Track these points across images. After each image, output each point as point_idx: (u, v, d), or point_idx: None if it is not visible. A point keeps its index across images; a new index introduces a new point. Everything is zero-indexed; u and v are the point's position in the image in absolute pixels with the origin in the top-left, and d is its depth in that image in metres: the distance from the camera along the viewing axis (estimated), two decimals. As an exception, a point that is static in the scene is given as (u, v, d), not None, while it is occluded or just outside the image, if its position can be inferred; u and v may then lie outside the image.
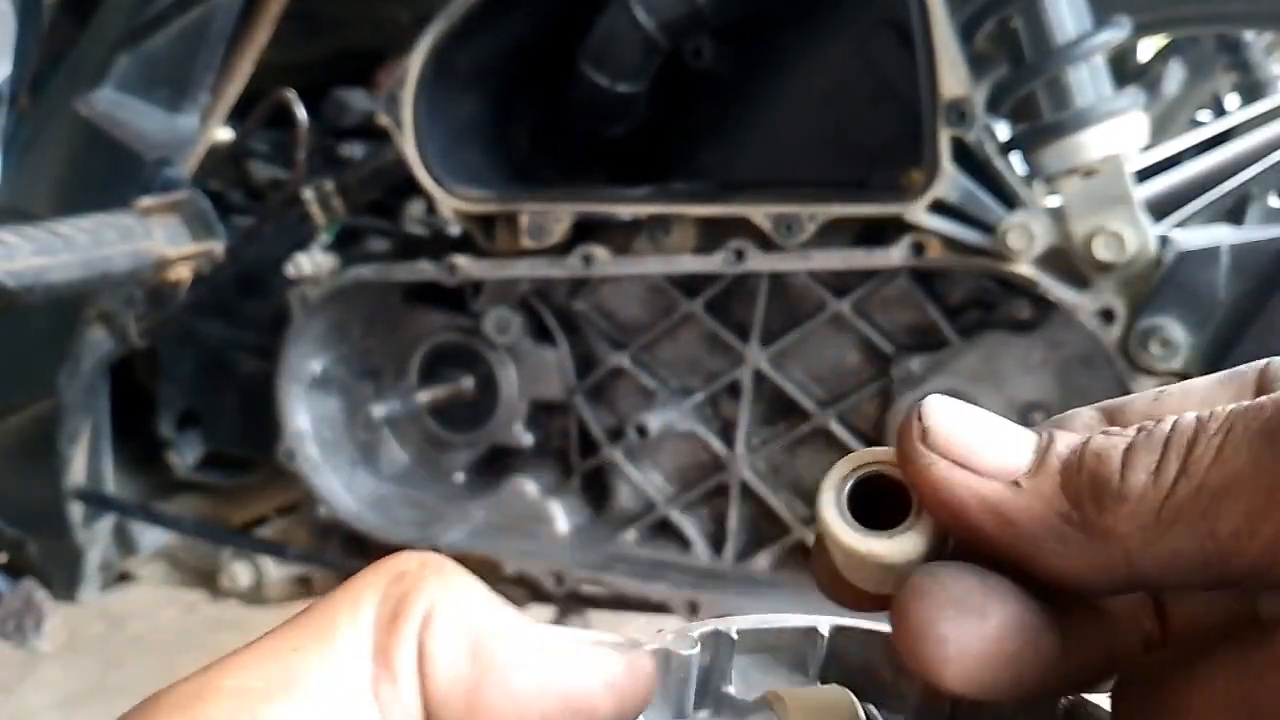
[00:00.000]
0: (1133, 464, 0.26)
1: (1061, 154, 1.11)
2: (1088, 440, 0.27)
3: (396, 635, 0.25)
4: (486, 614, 0.26)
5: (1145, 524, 0.26)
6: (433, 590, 0.26)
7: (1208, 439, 0.26)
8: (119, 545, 1.66)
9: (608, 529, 1.48)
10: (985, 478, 0.27)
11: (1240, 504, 0.25)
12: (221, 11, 1.38)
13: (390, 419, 1.54)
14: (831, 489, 0.30)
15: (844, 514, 0.29)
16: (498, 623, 0.26)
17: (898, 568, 0.29)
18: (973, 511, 0.27)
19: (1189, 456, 0.26)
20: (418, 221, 1.57)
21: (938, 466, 0.28)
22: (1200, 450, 0.26)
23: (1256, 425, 0.25)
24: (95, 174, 1.43)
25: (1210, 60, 2.14)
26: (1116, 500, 0.26)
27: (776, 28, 1.40)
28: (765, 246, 1.25)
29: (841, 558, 0.30)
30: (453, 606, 0.26)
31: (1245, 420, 0.25)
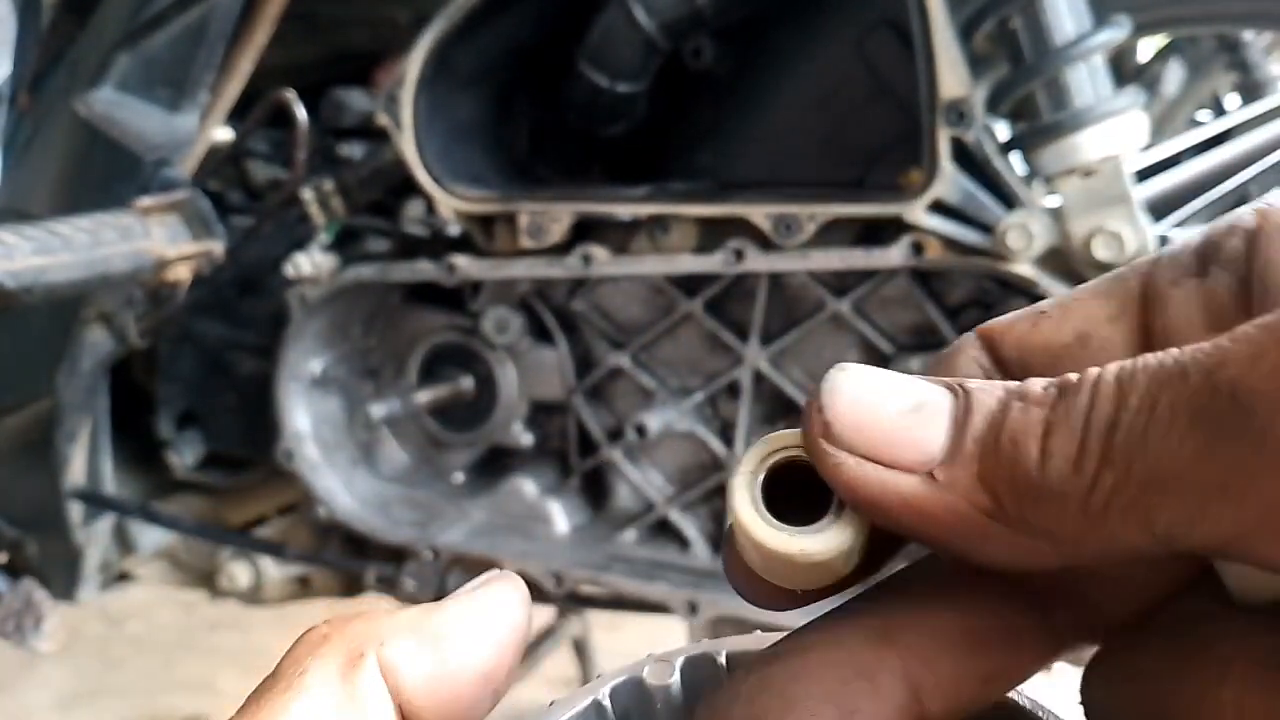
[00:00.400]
0: (1051, 451, 0.23)
1: (1061, 154, 1.11)
2: (1004, 417, 0.24)
3: (358, 663, 0.27)
4: (415, 619, 0.28)
5: (1071, 519, 0.23)
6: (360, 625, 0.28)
7: (1129, 419, 0.23)
8: (118, 545, 1.66)
9: (607, 529, 1.48)
10: (899, 471, 0.25)
11: (1173, 500, 0.22)
12: (221, 11, 1.38)
13: (390, 419, 1.54)
14: (744, 479, 0.27)
15: (759, 508, 0.26)
16: (422, 621, 0.28)
17: (825, 564, 0.26)
18: (891, 510, 0.25)
19: (1111, 442, 0.23)
20: (417, 221, 1.57)
21: (845, 466, 0.25)
22: (1123, 436, 0.23)
23: (1183, 405, 0.22)
24: (95, 174, 1.43)
25: (1210, 60, 2.14)
26: (1038, 496, 0.24)
27: (776, 28, 1.40)
28: (765, 246, 1.25)
29: (759, 557, 0.27)
30: (386, 626, 0.28)
31: (1170, 396, 0.22)
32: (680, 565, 1.41)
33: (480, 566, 1.47)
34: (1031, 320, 0.29)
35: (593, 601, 1.51)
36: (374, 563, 1.52)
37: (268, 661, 0.27)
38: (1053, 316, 0.29)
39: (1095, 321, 0.28)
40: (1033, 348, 0.29)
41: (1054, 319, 0.29)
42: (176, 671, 2.77)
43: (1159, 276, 0.28)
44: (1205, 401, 0.22)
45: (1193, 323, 0.27)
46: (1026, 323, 0.29)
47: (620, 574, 1.39)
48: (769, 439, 0.27)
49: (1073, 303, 0.29)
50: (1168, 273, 0.28)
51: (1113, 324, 0.28)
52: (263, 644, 2.81)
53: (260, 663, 1.25)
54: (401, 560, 1.50)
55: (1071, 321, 0.28)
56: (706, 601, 1.32)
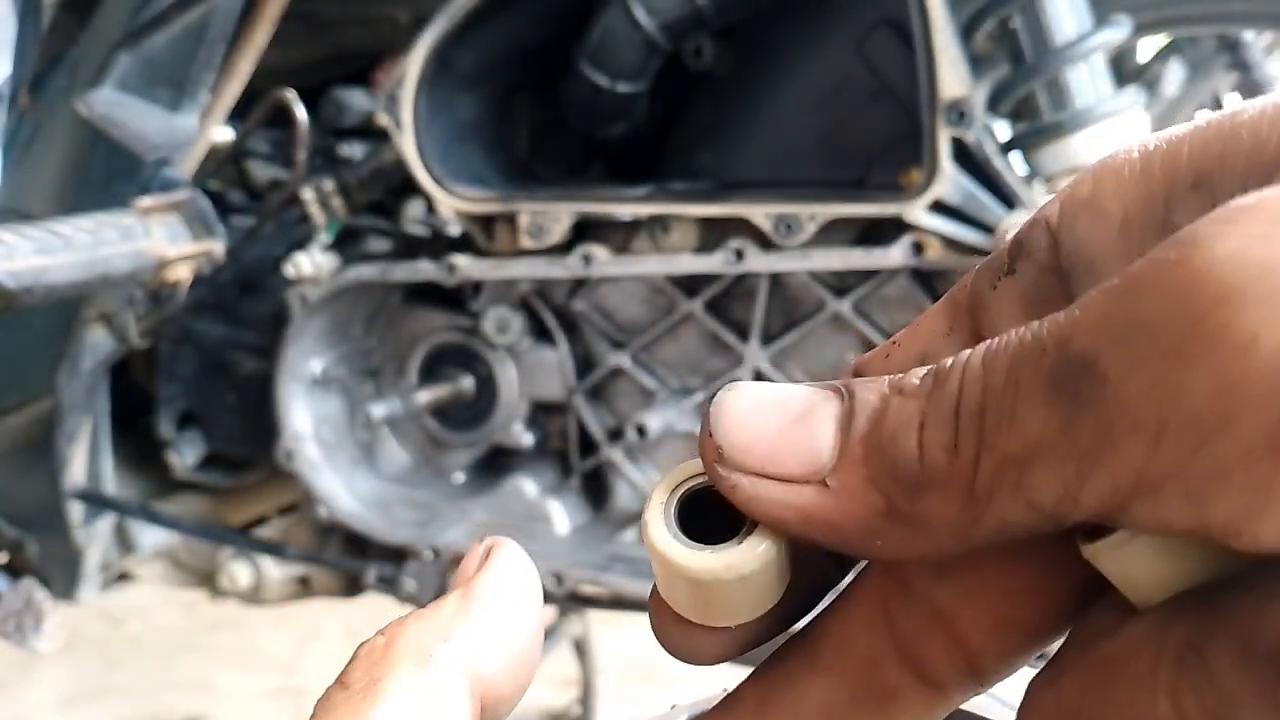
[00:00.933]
0: (928, 441, 0.24)
1: (1061, 154, 1.11)
2: (884, 413, 0.25)
3: (428, 662, 0.28)
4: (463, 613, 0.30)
5: (960, 506, 0.23)
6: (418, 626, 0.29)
7: (996, 400, 0.23)
8: (119, 545, 1.66)
9: (607, 529, 1.48)
10: (793, 484, 0.25)
11: (1050, 474, 0.22)
12: (221, 11, 1.38)
13: (390, 419, 1.54)
14: (656, 509, 0.26)
15: (675, 533, 0.26)
16: (473, 607, 0.30)
17: (750, 582, 0.26)
18: (792, 523, 0.25)
19: (982, 424, 0.23)
20: (417, 221, 1.57)
21: (741, 486, 0.25)
22: (992, 416, 0.23)
23: (1042, 378, 0.22)
24: (95, 174, 1.43)
25: (1210, 60, 2.14)
26: (922, 488, 0.24)
27: (776, 28, 1.40)
28: (765, 246, 1.25)
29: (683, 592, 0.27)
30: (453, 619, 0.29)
31: (1029, 371, 0.22)
32: (680, 565, 1.41)
33: (480, 566, 1.47)
34: (884, 353, 0.30)
35: (593, 601, 1.51)
36: (374, 563, 1.53)
37: (268, 661, 0.27)
38: (900, 344, 0.30)
39: (934, 339, 0.29)
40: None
41: (902, 348, 0.29)
42: (176, 671, 2.77)
43: (979, 284, 0.28)
44: (1062, 372, 0.22)
45: (1012, 319, 0.27)
46: (880, 356, 0.30)
47: (621, 574, 1.39)
48: (678, 468, 0.27)
49: (915, 328, 0.30)
50: (985, 278, 0.28)
51: (948, 339, 0.29)
52: (263, 644, 2.81)
53: (260, 663, 1.27)
54: (402, 560, 1.50)
55: (915, 345, 0.29)
56: (707, 601, 1.32)
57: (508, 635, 0.29)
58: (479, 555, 0.31)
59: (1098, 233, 0.26)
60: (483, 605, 0.29)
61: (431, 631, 0.28)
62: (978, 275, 0.29)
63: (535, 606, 0.30)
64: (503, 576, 0.30)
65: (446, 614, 0.29)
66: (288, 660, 2.75)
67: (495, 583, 0.30)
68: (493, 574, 0.30)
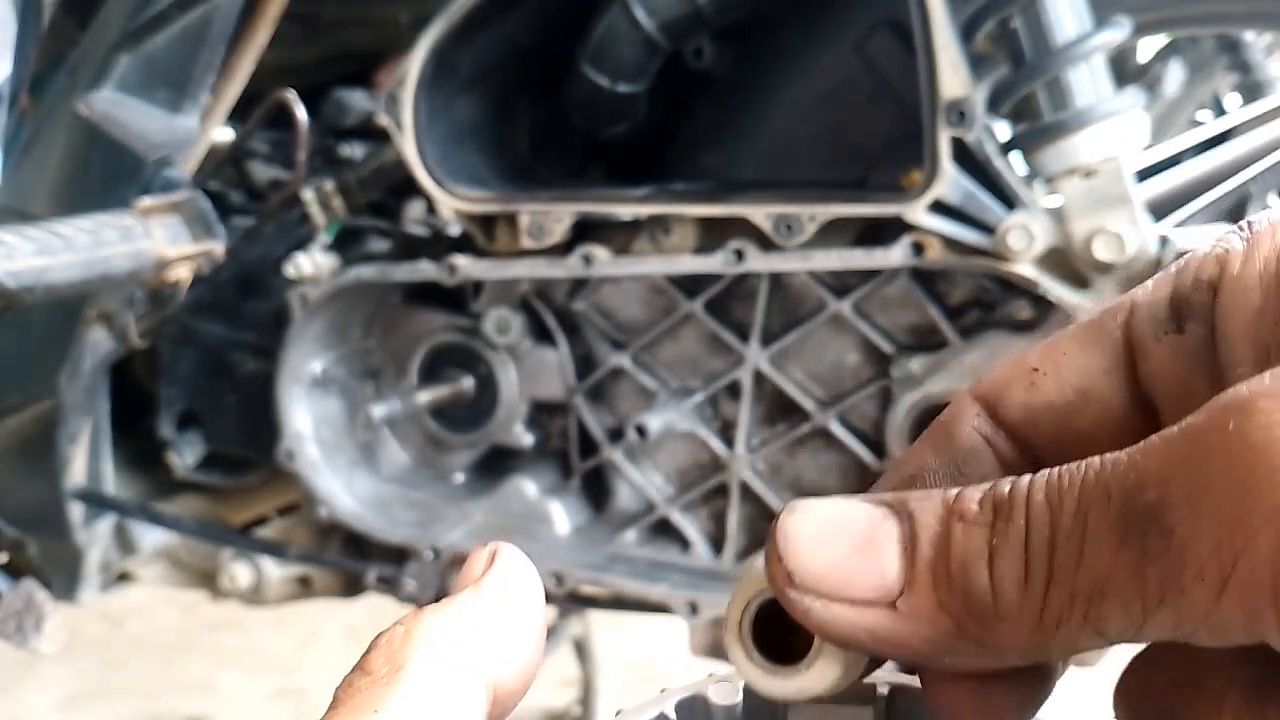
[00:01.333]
0: (1000, 575, 0.26)
1: (1061, 154, 1.11)
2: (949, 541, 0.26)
3: (449, 654, 0.30)
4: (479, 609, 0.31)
5: (1030, 634, 0.25)
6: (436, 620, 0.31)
7: (1065, 538, 0.25)
8: (119, 545, 1.66)
9: (608, 529, 1.48)
10: (864, 607, 0.27)
11: (1117, 610, 0.24)
12: (221, 12, 1.38)
13: (390, 419, 1.54)
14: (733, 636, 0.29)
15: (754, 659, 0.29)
16: (487, 606, 0.31)
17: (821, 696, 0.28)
18: (864, 643, 0.27)
19: (1053, 560, 0.25)
20: (418, 221, 1.57)
21: (814, 610, 0.27)
22: (1061, 553, 0.25)
23: (1111, 524, 0.24)
24: (95, 174, 1.43)
25: (1210, 60, 2.14)
26: (995, 618, 0.26)
27: (777, 28, 1.40)
28: (765, 246, 1.25)
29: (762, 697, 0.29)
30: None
31: (1098, 515, 0.24)
32: (681, 565, 1.41)
33: (481, 567, 1.47)
34: (1027, 380, 0.31)
35: (594, 602, 1.51)
36: (374, 563, 1.53)
37: (268, 662, 0.28)
38: (1048, 375, 0.31)
39: (1092, 376, 0.30)
40: (1037, 409, 0.31)
41: (1051, 378, 0.31)
42: (177, 672, 2.77)
43: (1140, 330, 0.30)
44: (1130, 518, 0.24)
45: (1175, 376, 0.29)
46: (1023, 383, 0.31)
47: (621, 574, 1.39)
48: (747, 580, 0.29)
49: (1063, 358, 0.31)
50: (1148, 326, 0.30)
51: (1107, 377, 0.30)
52: (263, 644, 2.81)
53: (260, 663, 1.27)
54: (402, 560, 1.50)
55: (1070, 380, 0.30)
56: (707, 601, 1.32)
57: (516, 635, 0.31)
58: (484, 557, 0.32)
59: (1237, 310, 0.28)
60: (494, 605, 0.31)
61: (449, 625, 0.30)
62: (1136, 319, 0.30)
63: (540, 608, 0.32)
64: (510, 579, 0.32)
65: (462, 610, 0.30)
66: (288, 660, 2.75)
67: (503, 584, 0.31)
68: (500, 576, 0.32)
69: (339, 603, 1.70)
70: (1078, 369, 0.30)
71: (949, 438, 0.31)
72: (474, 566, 0.32)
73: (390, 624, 0.30)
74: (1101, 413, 0.30)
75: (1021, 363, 0.31)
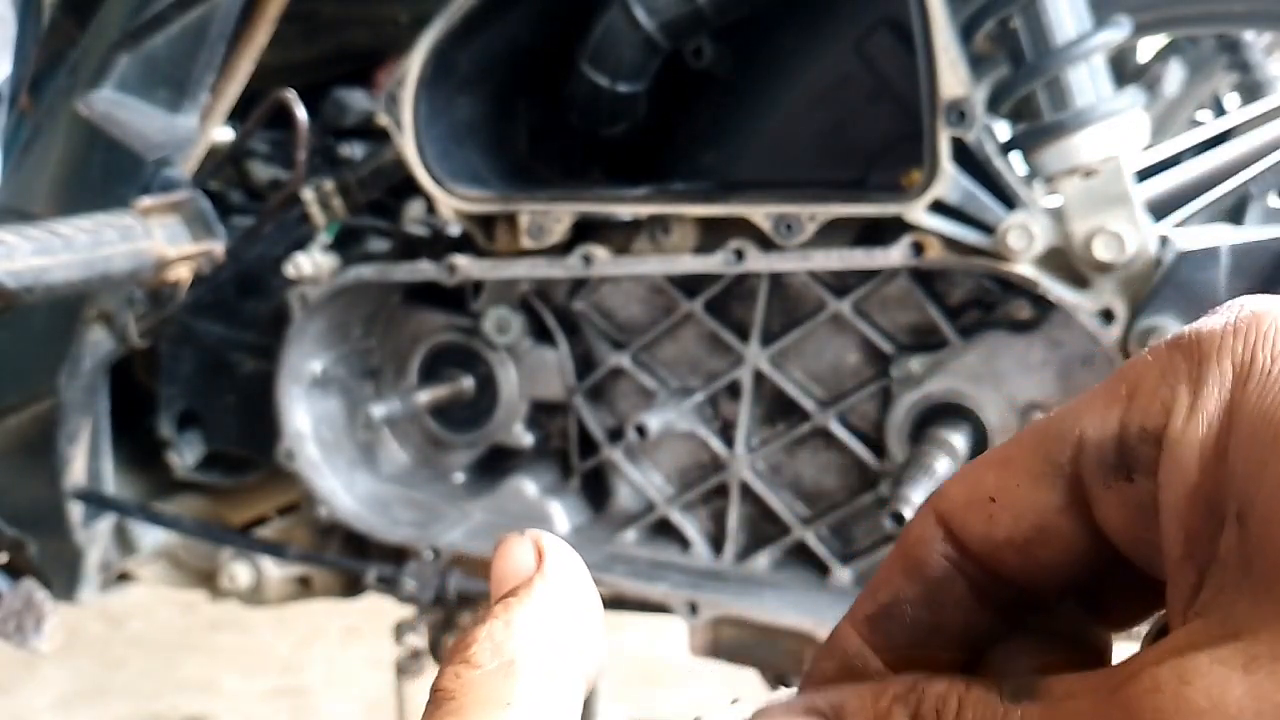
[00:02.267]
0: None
1: (1061, 154, 1.11)
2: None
3: None
4: None
5: None
6: None
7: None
8: (119, 545, 1.66)
9: (608, 529, 1.48)
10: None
11: None
12: (221, 11, 1.38)
13: (390, 419, 1.54)
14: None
15: None
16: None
17: None
18: None
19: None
20: (417, 221, 1.57)
21: None
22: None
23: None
24: (95, 174, 1.43)
25: (1210, 60, 2.14)
26: None
27: (776, 28, 1.40)
28: (765, 246, 1.25)
29: None
30: None
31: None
32: (681, 565, 1.41)
33: (481, 566, 1.47)
34: (985, 510, 0.31)
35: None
36: (374, 563, 1.53)
37: (268, 661, 0.28)
38: (1004, 507, 0.31)
39: (1047, 514, 0.31)
40: (998, 543, 0.31)
41: (1007, 511, 0.31)
42: (177, 671, 2.77)
43: (1089, 472, 0.30)
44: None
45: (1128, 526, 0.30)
46: (981, 513, 0.31)
47: (621, 574, 1.39)
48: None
49: (1016, 490, 0.31)
50: (1097, 471, 0.30)
51: (1062, 515, 0.31)
52: (263, 644, 2.81)
53: (260, 663, 1.27)
54: (402, 560, 1.50)
55: (1025, 516, 0.31)
56: (707, 601, 1.32)
57: (590, 624, 0.32)
58: (528, 547, 0.33)
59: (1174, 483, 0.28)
60: (566, 595, 0.32)
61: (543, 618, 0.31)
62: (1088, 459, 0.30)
63: (597, 596, 0.33)
64: (570, 568, 0.33)
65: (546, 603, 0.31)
66: (288, 660, 2.75)
67: (566, 575, 0.33)
68: (561, 566, 0.33)
69: (339, 602, 1.70)
70: (1032, 505, 0.31)
71: (920, 565, 0.32)
72: (518, 557, 0.33)
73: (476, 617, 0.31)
74: (1062, 548, 0.30)
75: (977, 485, 0.32)
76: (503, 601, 0.31)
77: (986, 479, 0.31)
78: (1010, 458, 0.31)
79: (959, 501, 0.32)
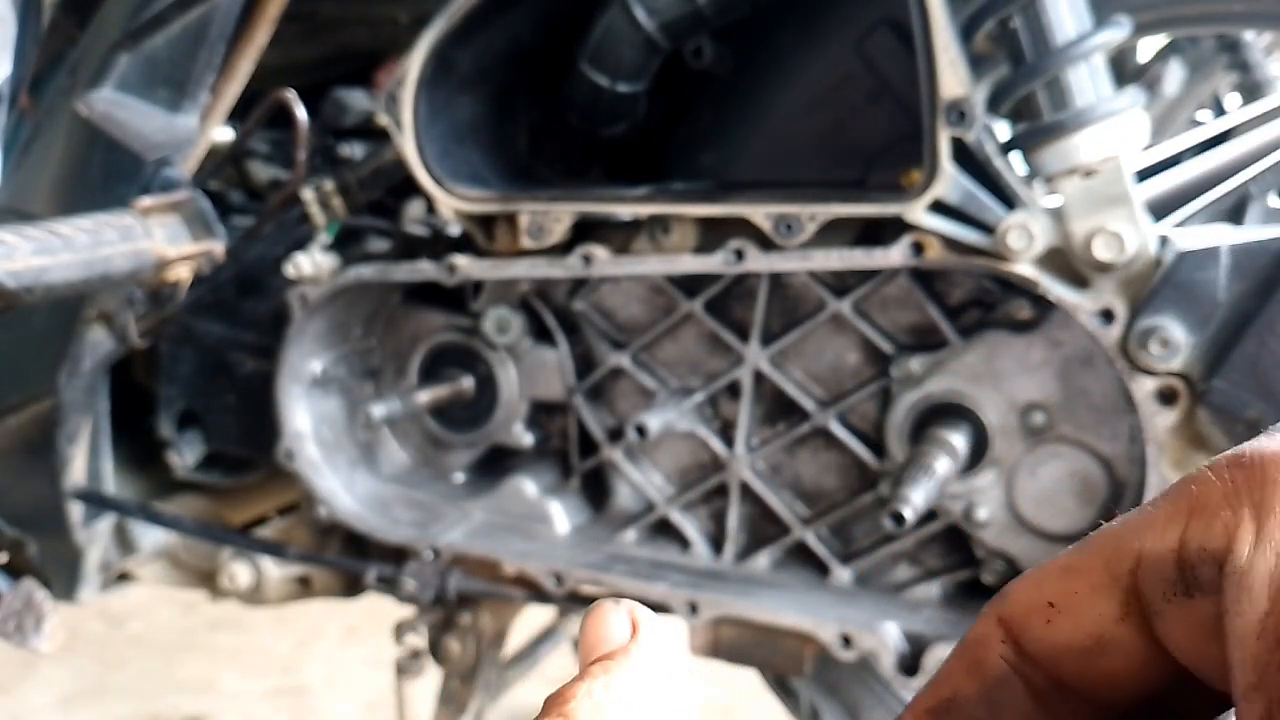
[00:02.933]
0: None
1: (1061, 154, 1.11)
2: None
3: None
4: None
5: None
6: None
7: None
8: (119, 545, 1.66)
9: (607, 529, 1.48)
10: None
11: None
12: (221, 11, 1.38)
13: (390, 419, 1.54)
14: None
15: None
16: None
17: None
18: None
19: None
20: (417, 221, 1.57)
21: None
22: None
23: None
24: (95, 174, 1.43)
25: (1210, 60, 2.14)
26: None
27: (776, 28, 1.40)
28: (765, 246, 1.25)
29: None
30: None
31: None
32: (681, 565, 1.41)
33: (480, 566, 1.47)
34: (1045, 615, 0.32)
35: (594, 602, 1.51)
36: (374, 563, 1.53)
37: (268, 661, 0.28)
38: (1064, 614, 0.31)
39: (1105, 623, 0.31)
40: (1057, 648, 0.32)
41: (1067, 618, 0.31)
42: (177, 671, 2.77)
43: (1148, 586, 0.30)
44: None
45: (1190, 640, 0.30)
46: (1040, 617, 0.32)
47: (621, 574, 1.39)
48: None
49: (1075, 598, 0.31)
50: (1156, 585, 0.30)
51: (1121, 625, 0.31)
52: (263, 644, 2.81)
53: (260, 663, 1.27)
54: (402, 560, 1.50)
55: (1085, 625, 0.31)
56: (707, 601, 1.32)
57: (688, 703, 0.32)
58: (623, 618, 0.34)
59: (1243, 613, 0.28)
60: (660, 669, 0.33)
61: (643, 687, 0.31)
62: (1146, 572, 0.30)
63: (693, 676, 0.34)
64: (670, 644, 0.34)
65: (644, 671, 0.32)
66: (288, 660, 2.75)
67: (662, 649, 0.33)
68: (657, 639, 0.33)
69: (339, 602, 1.70)
70: (1092, 615, 0.31)
71: (979, 665, 0.33)
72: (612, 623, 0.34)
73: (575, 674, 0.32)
74: (1122, 658, 0.30)
75: (1039, 589, 0.32)
76: (601, 663, 0.32)
77: (1048, 584, 0.32)
78: (1072, 566, 0.32)
79: (1021, 605, 0.32)
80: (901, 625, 1.25)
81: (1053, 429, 1.23)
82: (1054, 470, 1.23)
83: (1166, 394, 1.09)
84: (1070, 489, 1.23)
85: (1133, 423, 1.14)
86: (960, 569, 1.32)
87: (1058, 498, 1.23)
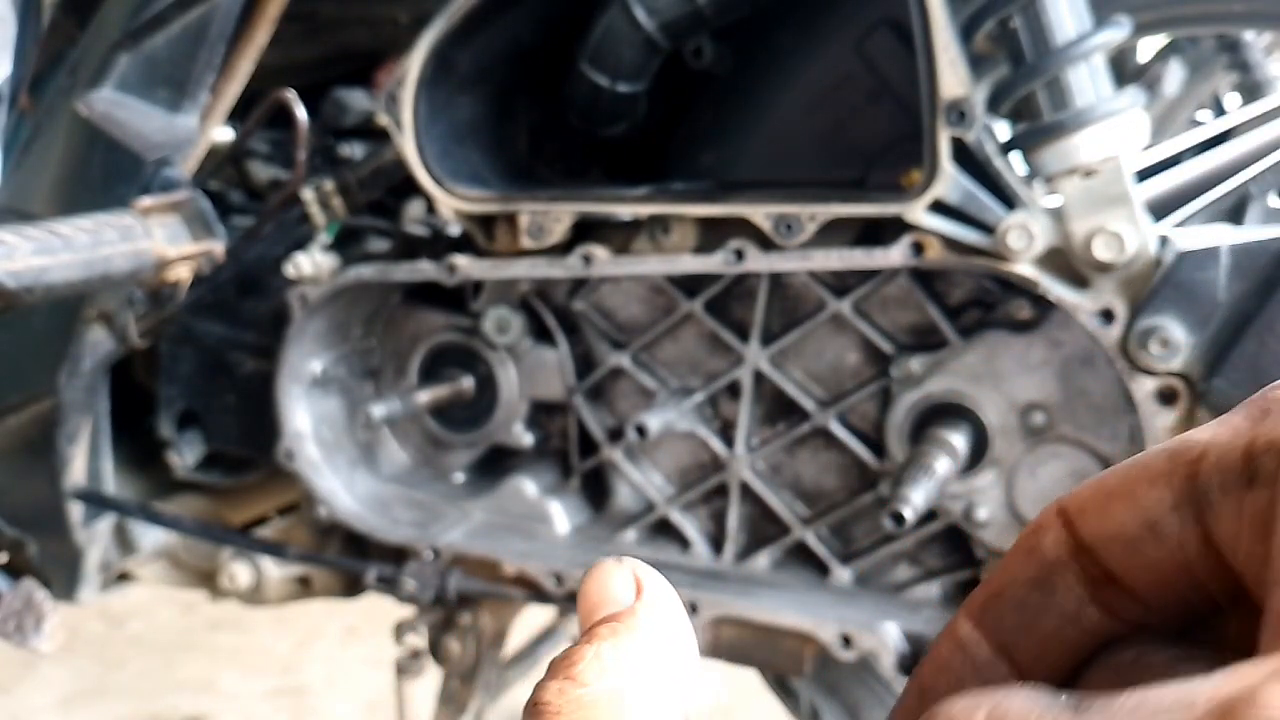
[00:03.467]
0: None
1: (1061, 154, 1.11)
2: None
3: None
4: None
5: None
6: None
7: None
8: (119, 545, 1.66)
9: (607, 529, 1.48)
10: None
11: None
12: (221, 11, 1.38)
13: (390, 419, 1.54)
14: None
15: None
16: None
17: None
18: None
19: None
20: (417, 221, 1.57)
21: None
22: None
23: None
24: (95, 174, 1.43)
25: (1210, 60, 2.14)
26: None
27: (776, 28, 1.40)
28: (765, 246, 1.25)
29: None
30: None
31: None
32: (681, 565, 1.41)
33: (480, 567, 1.47)
34: (1102, 504, 0.32)
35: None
36: (374, 563, 1.53)
37: (268, 661, 0.28)
38: (1120, 500, 0.32)
39: (1159, 510, 0.31)
40: (1109, 534, 0.32)
41: (1124, 507, 0.32)
42: (177, 671, 2.77)
43: (1207, 477, 0.30)
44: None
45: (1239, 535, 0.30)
46: (1099, 506, 0.32)
47: (620, 574, 1.39)
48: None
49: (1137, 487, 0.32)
50: (1215, 476, 0.30)
51: (1173, 513, 0.31)
52: (263, 644, 2.81)
53: (259, 662, 1.27)
54: (402, 560, 1.50)
55: (1138, 511, 0.32)
56: (707, 601, 1.32)
57: (687, 659, 0.32)
58: (626, 576, 0.34)
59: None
60: (664, 630, 0.32)
61: (649, 649, 0.31)
62: (1208, 464, 0.30)
63: (690, 629, 0.33)
64: (668, 602, 0.33)
65: (649, 633, 0.32)
66: (288, 660, 2.75)
67: (665, 609, 0.33)
68: (660, 600, 0.33)
69: (339, 602, 1.70)
70: (1146, 501, 0.31)
71: (1035, 550, 0.33)
72: (615, 584, 0.33)
73: (579, 636, 0.32)
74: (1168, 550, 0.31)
75: (1102, 481, 0.33)
76: (608, 625, 0.31)
77: (1111, 477, 0.33)
78: (1138, 460, 0.32)
79: (1083, 495, 0.33)
80: (901, 625, 1.25)
81: (1053, 429, 1.23)
82: (1054, 470, 1.23)
83: (1166, 394, 1.09)
84: (1070, 489, 1.22)
85: (1133, 423, 1.14)
86: (960, 569, 1.32)
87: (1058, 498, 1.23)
